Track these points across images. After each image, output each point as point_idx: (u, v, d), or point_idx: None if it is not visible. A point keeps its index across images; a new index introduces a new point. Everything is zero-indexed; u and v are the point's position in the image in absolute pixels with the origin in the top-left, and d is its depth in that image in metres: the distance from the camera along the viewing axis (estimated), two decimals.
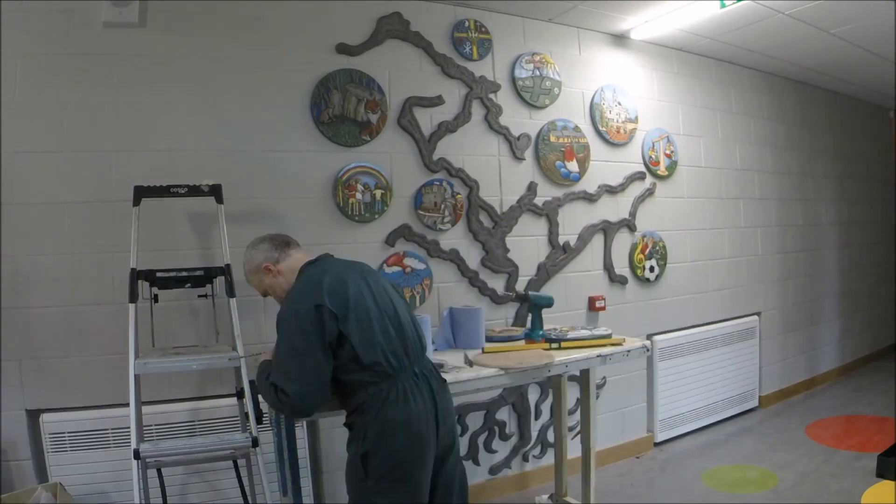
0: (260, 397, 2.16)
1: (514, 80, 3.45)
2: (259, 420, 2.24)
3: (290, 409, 1.75)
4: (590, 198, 3.71)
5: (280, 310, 1.84)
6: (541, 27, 3.57)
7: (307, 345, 1.73)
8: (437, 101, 3.22)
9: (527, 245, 3.50)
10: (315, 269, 1.92)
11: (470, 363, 2.38)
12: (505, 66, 3.45)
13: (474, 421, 3.31)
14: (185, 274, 2.35)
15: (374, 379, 1.79)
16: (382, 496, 1.76)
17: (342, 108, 2.97)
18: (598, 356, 2.51)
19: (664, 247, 4.05)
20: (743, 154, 4.61)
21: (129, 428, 2.09)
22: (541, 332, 2.75)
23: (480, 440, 3.33)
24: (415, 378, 1.85)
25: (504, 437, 3.41)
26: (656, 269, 4.00)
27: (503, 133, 3.42)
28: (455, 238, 3.27)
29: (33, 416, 2.48)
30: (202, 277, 2.38)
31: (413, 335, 1.92)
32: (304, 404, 1.73)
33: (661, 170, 4.05)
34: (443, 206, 3.21)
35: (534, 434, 3.51)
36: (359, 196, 3.00)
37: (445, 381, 1.99)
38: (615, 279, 3.81)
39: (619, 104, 3.85)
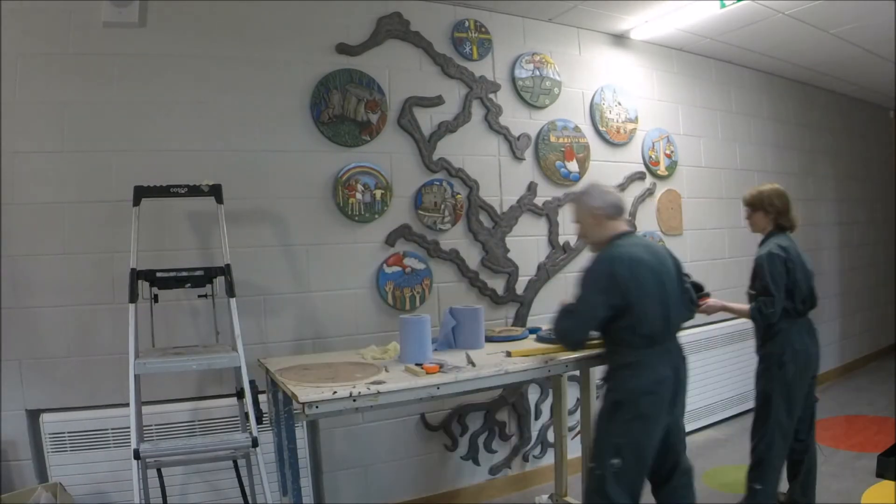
0: None
1: (514, 80, 3.45)
2: (259, 420, 2.24)
3: (559, 335, 2.31)
4: None
5: (589, 264, 2.28)
6: (541, 27, 3.57)
7: (592, 296, 2.19)
8: (437, 101, 3.22)
9: (527, 245, 3.50)
10: (624, 241, 2.29)
11: (473, 363, 2.37)
12: (505, 66, 3.45)
13: (474, 421, 3.31)
14: (185, 274, 2.34)
15: (639, 345, 2.21)
16: (621, 436, 2.19)
17: (342, 108, 2.97)
18: (598, 356, 2.51)
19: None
20: (743, 154, 4.61)
21: (129, 428, 2.08)
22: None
23: (480, 440, 3.33)
24: (667, 350, 2.28)
25: (504, 437, 3.41)
26: None
27: (503, 133, 3.42)
28: (455, 238, 3.27)
29: (33, 416, 2.48)
30: (202, 277, 2.38)
31: (675, 317, 2.31)
32: (570, 334, 2.28)
33: (661, 170, 4.05)
34: (443, 206, 3.21)
35: (534, 434, 3.51)
36: (359, 196, 3.00)
37: (686, 358, 2.36)
38: None
39: (619, 104, 3.85)
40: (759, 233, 2.93)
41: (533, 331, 2.88)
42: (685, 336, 4.05)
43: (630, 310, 2.16)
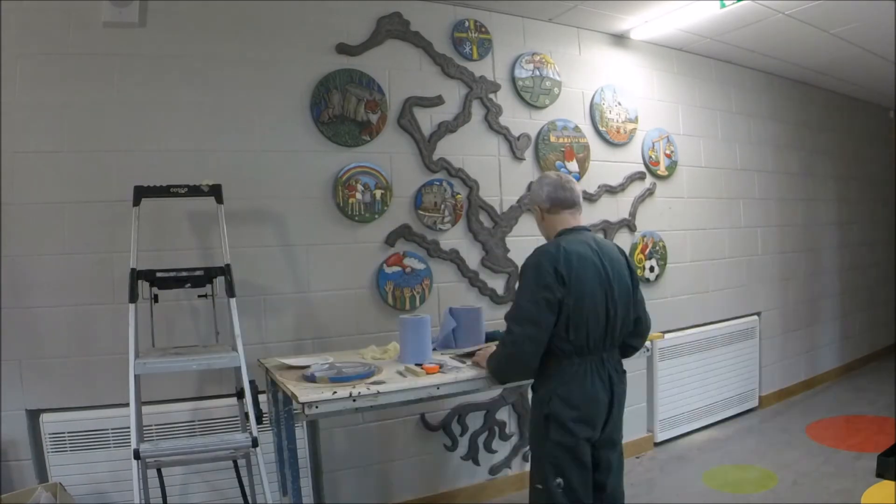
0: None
1: (514, 80, 3.45)
2: (259, 420, 2.24)
3: (511, 346, 2.00)
4: (590, 198, 3.71)
5: (528, 257, 2.07)
6: (541, 27, 3.57)
7: (538, 294, 1.97)
8: (437, 101, 3.22)
9: (527, 245, 3.48)
10: (568, 237, 2.10)
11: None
12: (505, 66, 3.45)
13: (474, 421, 3.31)
14: (185, 274, 2.34)
15: (571, 352, 2.01)
16: (558, 454, 2.01)
17: (342, 108, 2.97)
18: None
19: (664, 247, 4.05)
20: (743, 154, 4.61)
21: (129, 428, 2.08)
22: None
23: (480, 440, 3.32)
24: (601, 362, 2.06)
25: (504, 437, 3.41)
26: (656, 269, 4.00)
27: (503, 133, 3.42)
28: (455, 238, 3.27)
29: (33, 416, 2.48)
30: (202, 277, 2.38)
31: (620, 327, 2.10)
32: (524, 342, 1.97)
33: (661, 170, 4.05)
34: (443, 206, 3.21)
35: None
36: (359, 196, 3.00)
37: (625, 371, 2.17)
38: None
39: (619, 104, 3.85)
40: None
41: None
42: (686, 335, 4.10)
43: (564, 311, 1.97)
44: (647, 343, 2.69)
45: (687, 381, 4.11)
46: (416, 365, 2.21)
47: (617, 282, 2.07)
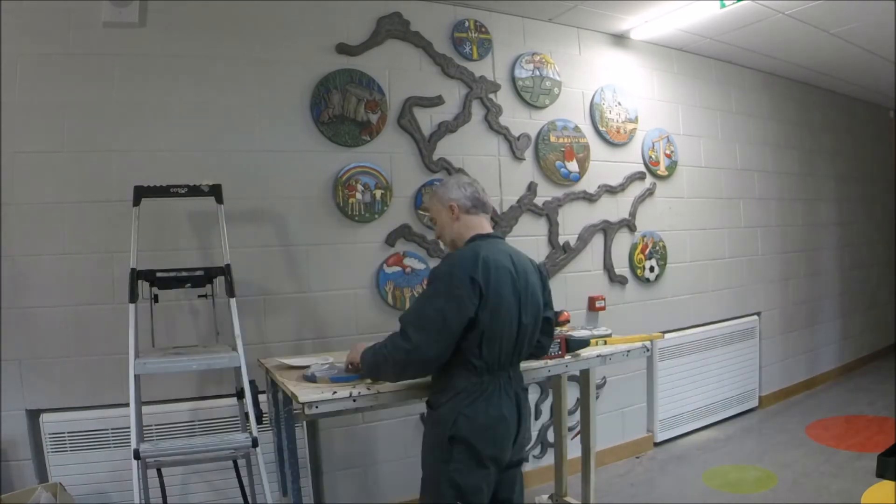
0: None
1: (514, 80, 3.45)
2: (259, 420, 2.24)
3: (404, 353, 1.81)
4: (590, 198, 3.71)
5: (439, 264, 1.91)
6: (541, 27, 3.57)
7: (448, 306, 1.79)
8: (437, 101, 3.22)
9: (527, 245, 3.49)
10: (485, 244, 1.95)
11: None
12: (505, 66, 3.45)
13: None
14: (185, 274, 2.34)
15: (480, 369, 1.86)
16: (461, 476, 1.85)
17: (342, 108, 2.97)
18: (597, 356, 2.51)
19: (664, 247, 4.05)
20: (743, 154, 4.61)
21: (129, 428, 2.08)
22: None
23: None
24: (508, 379, 1.94)
25: None
26: (656, 269, 4.00)
27: (503, 133, 3.42)
28: None
29: (33, 416, 2.48)
30: (202, 277, 2.38)
31: (528, 343, 1.99)
32: (420, 353, 1.79)
33: (661, 170, 4.05)
34: None
35: (534, 434, 3.51)
36: (359, 196, 3.00)
37: (527, 389, 2.07)
38: (615, 279, 3.81)
39: (619, 104, 3.85)
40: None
41: None
42: (686, 335, 4.10)
43: (479, 325, 1.81)
44: (647, 343, 2.70)
45: (687, 381, 4.11)
46: None
47: (531, 297, 1.95)
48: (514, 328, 1.90)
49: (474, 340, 1.83)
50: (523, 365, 2.12)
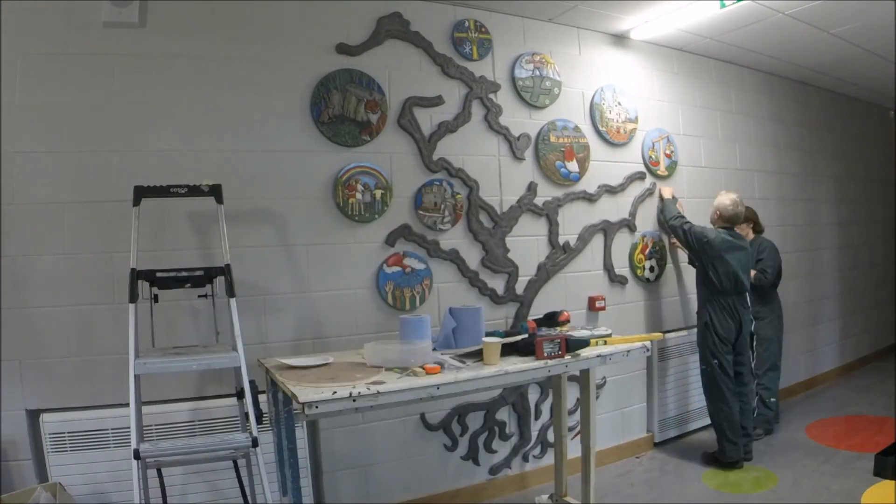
0: None
1: (514, 80, 3.45)
2: (259, 420, 2.24)
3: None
4: (590, 198, 3.71)
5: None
6: (541, 27, 3.57)
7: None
8: (437, 101, 3.22)
9: (527, 245, 3.50)
10: (721, 232, 3.62)
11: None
12: (505, 66, 3.45)
13: (474, 421, 3.31)
14: (185, 274, 2.34)
15: (721, 289, 3.53)
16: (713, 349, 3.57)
17: (342, 108, 2.98)
18: (597, 356, 2.51)
19: (664, 247, 4.05)
20: (743, 154, 4.61)
21: (129, 428, 2.08)
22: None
23: (480, 440, 3.33)
24: (735, 298, 3.58)
25: (504, 437, 3.41)
26: (656, 269, 4.00)
27: (503, 133, 3.42)
28: (455, 238, 3.27)
29: (33, 416, 2.48)
30: (202, 277, 2.37)
31: (741, 283, 3.58)
32: None
33: (661, 170, 4.05)
34: (443, 206, 3.21)
35: (534, 434, 3.51)
36: (359, 196, 3.01)
37: (748, 306, 3.66)
38: (615, 279, 3.81)
39: (619, 104, 3.85)
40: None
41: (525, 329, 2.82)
42: (686, 336, 4.09)
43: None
44: (647, 343, 2.70)
45: (687, 381, 4.11)
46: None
47: (745, 254, 3.66)
48: (731, 272, 3.58)
49: (714, 273, 3.61)
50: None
